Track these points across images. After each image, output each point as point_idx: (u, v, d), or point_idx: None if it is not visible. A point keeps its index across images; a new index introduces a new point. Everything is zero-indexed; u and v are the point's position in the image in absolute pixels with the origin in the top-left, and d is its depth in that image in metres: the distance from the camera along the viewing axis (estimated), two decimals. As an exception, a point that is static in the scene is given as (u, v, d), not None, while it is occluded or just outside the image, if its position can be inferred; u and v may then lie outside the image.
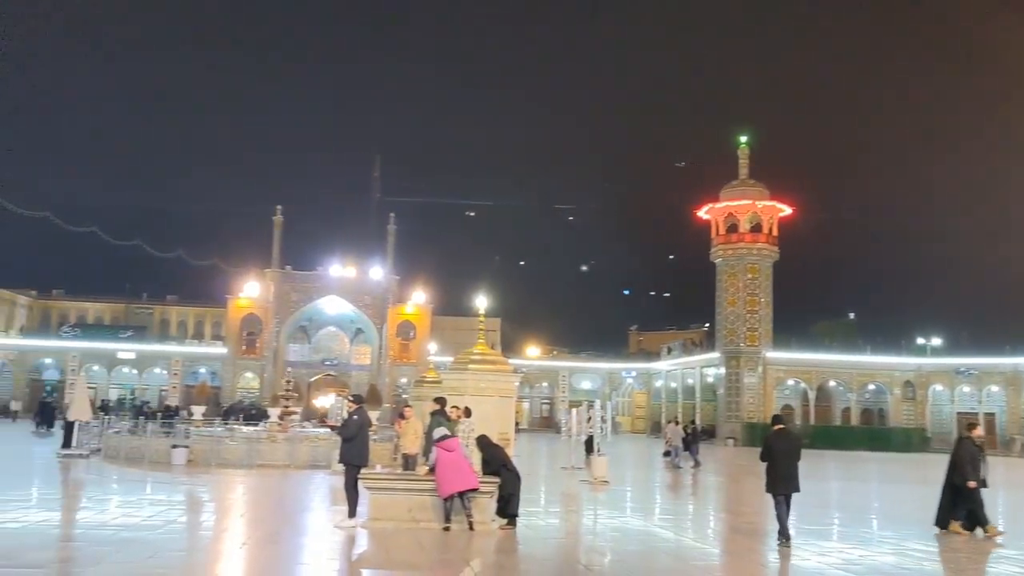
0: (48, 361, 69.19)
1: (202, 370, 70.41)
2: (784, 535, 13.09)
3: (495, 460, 14.18)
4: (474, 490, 13.34)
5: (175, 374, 69.25)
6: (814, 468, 35.71)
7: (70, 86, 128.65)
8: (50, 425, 41.38)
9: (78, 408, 27.21)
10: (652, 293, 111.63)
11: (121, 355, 69.14)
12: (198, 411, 31.79)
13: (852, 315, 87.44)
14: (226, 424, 35.05)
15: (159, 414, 42.29)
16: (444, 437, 13.65)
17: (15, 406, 57.71)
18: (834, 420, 63.81)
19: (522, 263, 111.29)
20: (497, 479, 13.87)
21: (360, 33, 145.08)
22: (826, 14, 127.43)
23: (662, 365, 73.85)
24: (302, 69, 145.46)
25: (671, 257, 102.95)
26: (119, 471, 22.64)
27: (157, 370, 70.22)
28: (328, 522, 14.04)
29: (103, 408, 47.20)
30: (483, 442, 14.51)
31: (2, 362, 68.36)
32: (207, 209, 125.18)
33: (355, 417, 13.97)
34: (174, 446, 24.73)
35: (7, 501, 16.16)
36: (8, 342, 70.19)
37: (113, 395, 67.06)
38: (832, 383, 63.81)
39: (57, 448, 27.42)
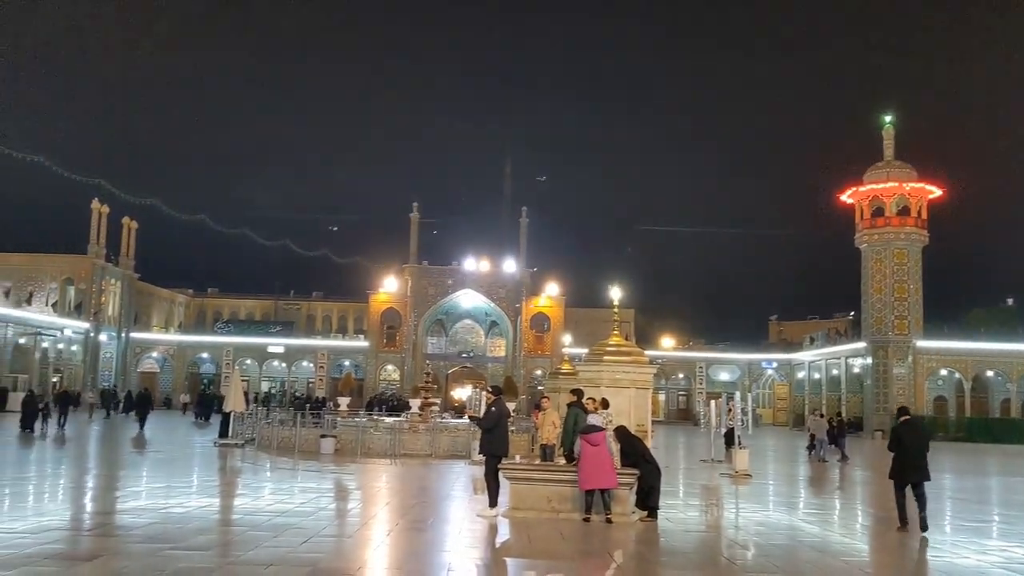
0: (205, 355, 73.26)
1: (346, 363, 72.92)
2: (903, 521, 13.56)
3: (634, 451, 14.11)
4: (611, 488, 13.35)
5: (321, 367, 72.05)
6: (970, 462, 33.89)
7: (220, 93, 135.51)
8: (207, 416, 43.74)
9: (234, 400, 28.68)
10: (793, 281, 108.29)
11: (271, 349, 72.49)
12: (343, 402, 33.03)
13: (1010, 301, 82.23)
14: (370, 415, 36.27)
15: (308, 405, 44.10)
16: (592, 429, 13.63)
17: (184, 398, 61.21)
18: (992, 412, 60.29)
19: (654, 253, 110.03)
20: (636, 471, 13.81)
21: (491, 25, 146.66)
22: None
23: (805, 355, 71.54)
24: (434, 67, 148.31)
25: (813, 244, 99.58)
26: (271, 459, 23.74)
27: (304, 363, 73.28)
28: (470, 511, 14.32)
29: (264, 400, 49.68)
30: (621, 433, 14.46)
31: (164, 357, 72.82)
32: (349, 209, 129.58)
33: (493, 409, 14.17)
34: (322, 436, 25.74)
35: (172, 487, 17.26)
36: (169, 338, 74.74)
37: (264, 387, 70.42)
38: (989, 373, 60.26)
39: (215, 437, 29.04)
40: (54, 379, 59.91)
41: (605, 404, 16.52)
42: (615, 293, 21.60)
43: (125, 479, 19.21)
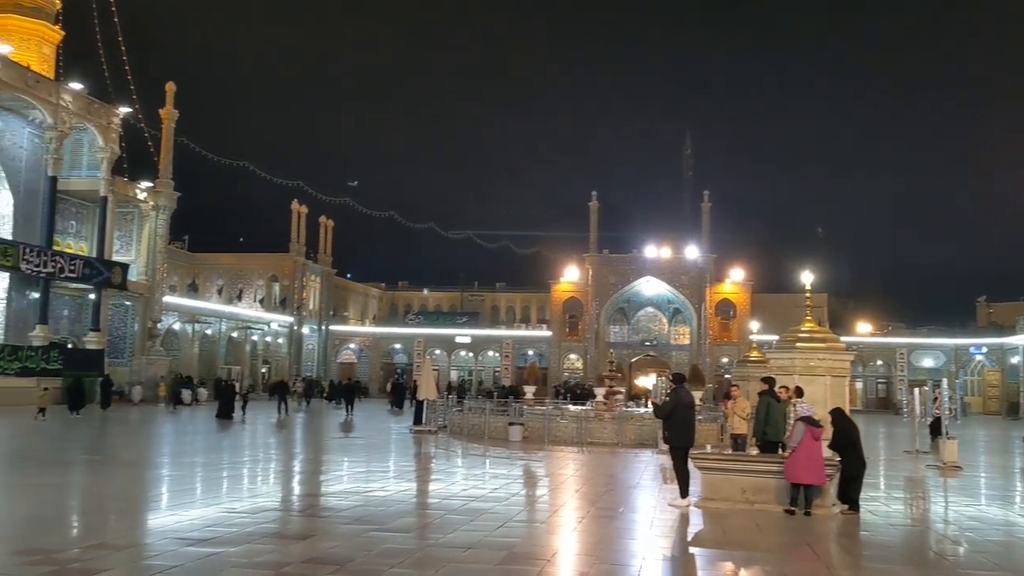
0: (397, 346, 76.44)
1: (530, 352, 74.03)
2: None
3: (846, 437, 13.49)
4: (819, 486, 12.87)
5: (506, 356, 73.51)
6: None
7: (402, 92, 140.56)
8: (400, 405, 45.58)
9: (426, 388, 29.75)
10: (1004, 259, 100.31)
11: (459, 339, 74.68)
12: (529, 391, 33.58)
13: None
14: (555, 403, 36.68)
15: (495, 394, 45.14)
16: (812, 421, 13.16)
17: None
18: None
19: (848, 234, 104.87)
20: (839, 459, 13.26)
21: (670, 10, 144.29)
22: None
23: (1020, 339, 66.15)
24: (610, 54, 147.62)
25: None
26: (463, 446, 24.46)
27: (490, 352, 75.02)
28: (660, 500, 14.21)
29: (459, 390, 51.39)
30: (837, 414, 13.93)
31: (361, 348, 76.56)
32: (529, 200, 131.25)
33: (668, 398, 14.00)
34: (510, 423, 26.27)
35: (372, 472, 18.14)
36: (365, 330, 78.50)
37: (453, 376, 72.67)
38: None
39: (410, 424, 30.25)
40: (263, 369, 64.30)
41: (799, 392, 15.94)
42: (807, 277, 20.72)
43: (329, 463, 20.37)
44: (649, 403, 36.44)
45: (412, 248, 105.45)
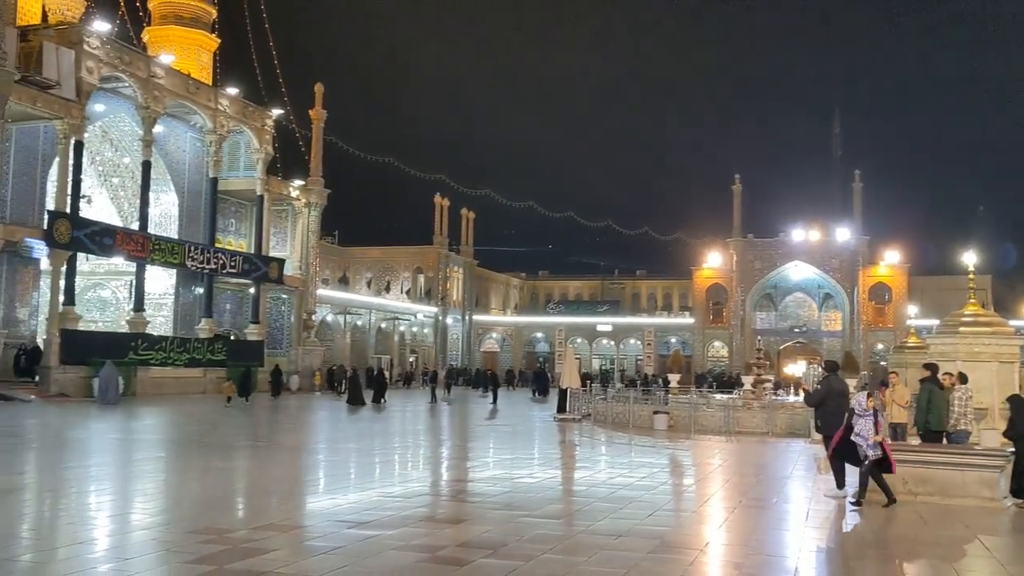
0: (539, 335, 77.08)
1: (672, 340, 73.13)
2: None
3: (1022, 425, 12.73)
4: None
5: (648, 344, 72.88)
6: None
7: (538, 82, 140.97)
8: (544, 392, 45.94)
9: (569, 376, 29.86)
10: None
11: (600, 328, 74.56)
12: (673, 379, 33.20)
13: None
14: (700, 392, 36.11)
15: (637, 382, 44.85)
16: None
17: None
18: None
19: (1012, 211, 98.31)
20: (1007, 452, 12.49)
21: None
22: None
23: None
24: (755, 30, 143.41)
25: None
26: (607, 434, 24.43)
27: (632, 341, 74.57)
28: (815, 491, 13.77)
29: (602, 378, 51.48)
30: (1015, 402, 13.15)
31: (503, 337, 77.61)
32: (669, 185, 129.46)
33: (819, 386, 13.53)
34: (655, 412, 26.05)
35: (518, 459, 18.37)
36: (506, 319, 79.51)
37: (595, 365, 72.65)
38: None
39: (553, 412, 30.45)
40: (410, 359, 66.16)
41: (963, 379, 15.12)
42: (969, 257, 19.62)
43: (475, 450, 20.77)
44: (799, 391, 35.38)
45: (552, 237, 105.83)
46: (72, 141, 34.99)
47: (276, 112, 48.20)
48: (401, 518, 10.45)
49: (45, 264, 35.58)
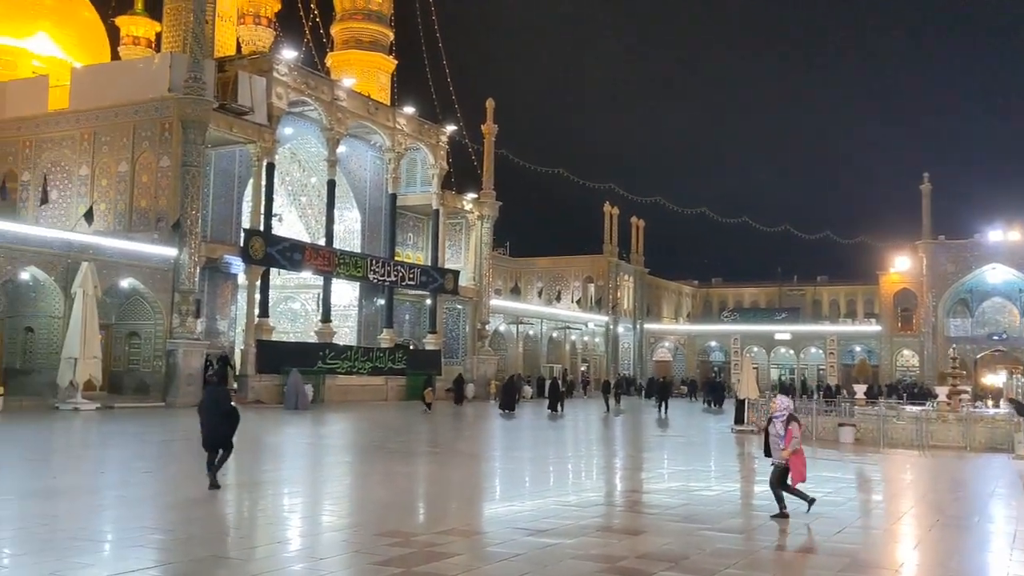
0: (713, 344, 75.39)
1: (857, 348, 69.77)
2: None
3: None
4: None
5: (831, 353, 69.86)
6: None
7: (710, 84, 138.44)
8: (719, 403, 44.85)
9: (747, 387, 29.03)
10: None
11: (778, 336, 72.12)
12: (859, 390, 31.65)
13: None
14: (888, 403, 34.21)
15: (820, 393, 43.02)
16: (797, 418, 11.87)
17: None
18: None
19: None
20: None
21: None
22: None
23: None
24: (943, 27, 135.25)
25: None
26: (789, 447, 23.52)
27: (813, 349, 71.67)
28: (1020, 511, 12.75)
29: (784, 389, 49.87)
30: None
31: (675, 346, 76.46)
32: (850, 187, 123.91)
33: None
34: (840, 424, 24.90)
35: (695, 471, 18.02)
36: (679, 327, 78.30)
37: (773, 375, 70.30)
38: None
39: (730, 424, 29.67)
40: (582, 367, 66.28)
41: None
42: None
43: (650, 461, 20.52)
44: (1002, 402, 32.96)
45: (725, 243, 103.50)
46: (264, 163, 37.32)
47: (450, 128, 49.62)
48: (579, 527, 10.46)
49: (242, 279, 38.04)
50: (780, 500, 11.41)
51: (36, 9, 48.34)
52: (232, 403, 13.17)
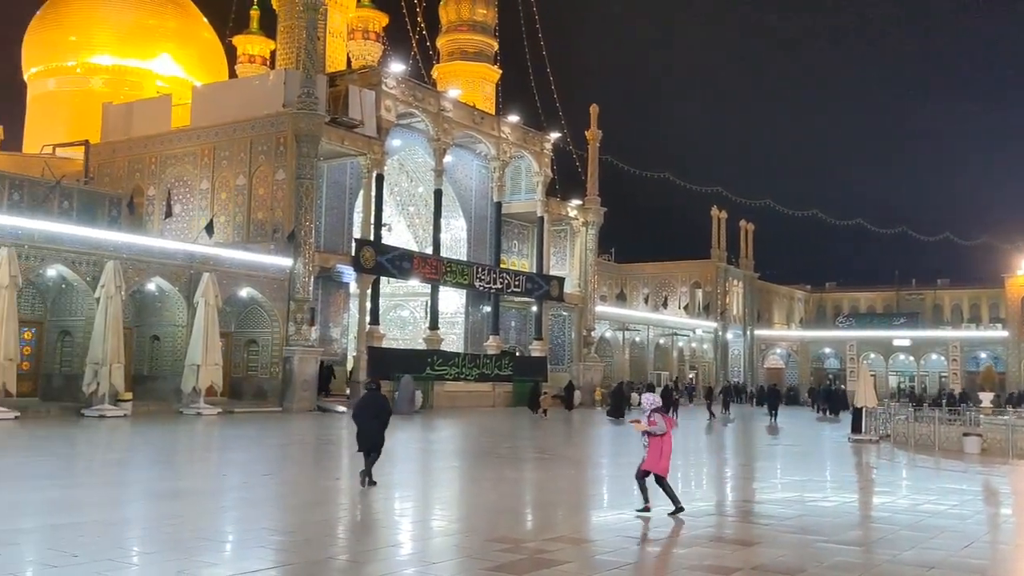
0: (827, 350, 73.10)
1: (982, 355, 66.54)
2: None
3: None
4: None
5: (953, 360, 66.84)
6: None
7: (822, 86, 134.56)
8: (836, 412, 43.46)
9: (864, 395, 28.04)
10: None
11: (896, 342, 69.43)
12: (986, 398, 30.22)
13: None
14: (1018, 412, 32.49)
15: (943, 401, 41.19)
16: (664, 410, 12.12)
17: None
18: None
19: None
20: None
21: None
22: None
23: None
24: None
25: None
26: (909, 457, 22.63)
27: (934, 356, 68.73)
28: None
29: (910, 396, 47.96)
30: None
31: (788, 352, 74.50)
32: (971, 186, 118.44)
33: None
34: (965, 434, 23.80)
35: (810, 481, 17.50)
36: (791, 334, 76.27)
37: (892, 382, 67.71)
38: None
39: (847, 433, 28.71)
40: (690, 375, 65.28)
41: None
42: None
43: (762, 470, 20.04)
44: None
45: (839, 247, 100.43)
46: (374, 175, 38.19)
47: (554, 135, 49.71)
48: (690, 537, 10.30)
49: (353, 287, 38.98)
50: (645, 492, 11.65)
51: (160, 32, 50.81)
52: (388, 410, 13.94)
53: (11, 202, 31.66)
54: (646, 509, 11.53)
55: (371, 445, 13.28)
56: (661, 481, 11.68)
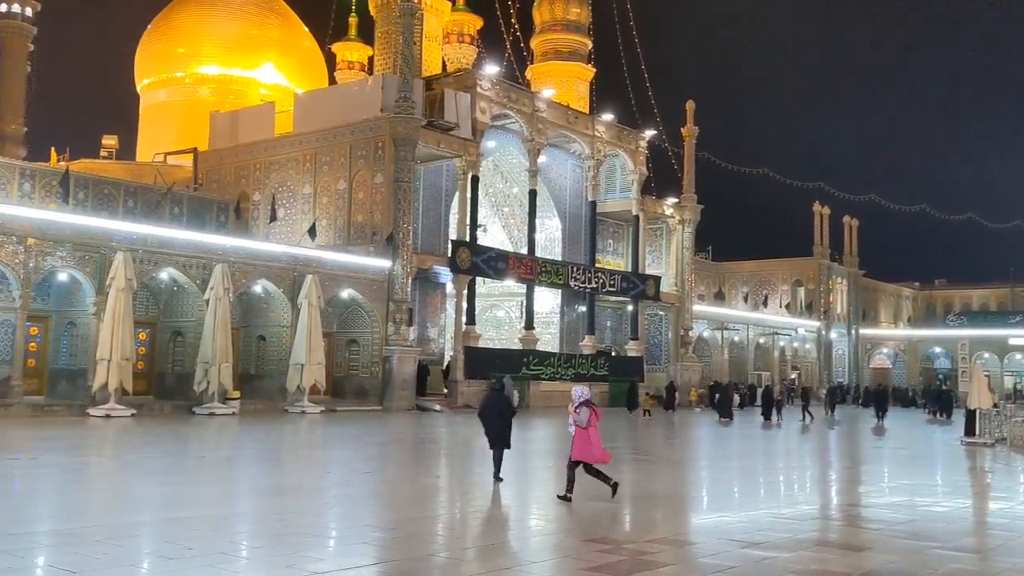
0: (937, 350, 70.39)
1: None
2: None
3: None
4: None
5: (1076, 359, 63.49)
6: None
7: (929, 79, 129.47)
8: (948, 413, 41.82)
9: (978, 396, 26.87)
10: None
11: (1012, 341, 66.36)
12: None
13: None
14: None
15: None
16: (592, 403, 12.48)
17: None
18: None
19: None
20: None
21: None
22: None
23: None
24: None
25: None
26: (1028, 462, 21.62)
27: (1054, 356, 65.47)
28: None
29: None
30: None
31: (895, 352, 72.00)
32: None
33: None
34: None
35: (920, 484, 16.87)
36: (898, 332, 73.72)
37: (1008, 383, 64.73)
38: None
39: (959, 436, 27.57)
40: (792, 375, 63.71)
41: None
42: None
43: (869, 473, 19.39)
44: None
45: (949, 242, 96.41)
46: (469, 176, 38.56)
47: (649, 133, 49.21)
48: (795, 541, 10.04)
49: (450, 288, 39.45)
50: (571, 482, 12.14)
51: (263, 42, 52.48)
52: (513, 408, 14.98)
53: (126, 208, 33.16)
54: (567, 497, 12.06)
55: (498, 442, 14.22)
56: (590, 468, 12.33)
